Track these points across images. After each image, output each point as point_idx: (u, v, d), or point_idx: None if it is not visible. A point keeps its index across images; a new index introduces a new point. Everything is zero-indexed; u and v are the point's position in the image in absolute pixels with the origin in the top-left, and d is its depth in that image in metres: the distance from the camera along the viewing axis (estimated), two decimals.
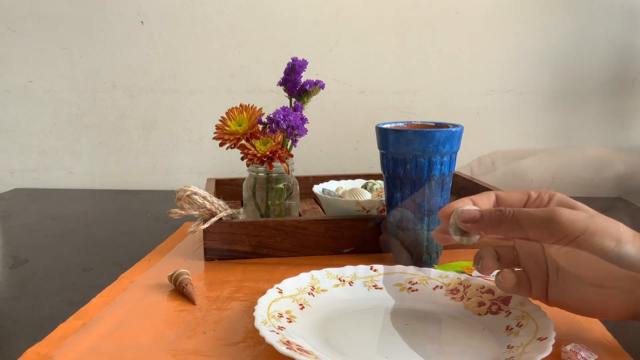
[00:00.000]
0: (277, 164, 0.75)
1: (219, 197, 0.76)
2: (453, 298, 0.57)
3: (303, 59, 0.78)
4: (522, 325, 0.49)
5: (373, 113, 1.23)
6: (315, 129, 0.95)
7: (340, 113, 1.23)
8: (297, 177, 0.83)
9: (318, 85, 0.77)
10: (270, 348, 0.45)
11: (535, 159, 0.46)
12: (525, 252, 0.50)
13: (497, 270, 0.51)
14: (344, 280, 0.60)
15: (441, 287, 0.58)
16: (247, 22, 1.20)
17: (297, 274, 0.59)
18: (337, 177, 0.98)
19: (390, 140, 0.67)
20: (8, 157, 1.26)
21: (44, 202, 1.13)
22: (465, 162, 1.15)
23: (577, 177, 0.45)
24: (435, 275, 0.60)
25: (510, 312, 0.52)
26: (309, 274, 0.60)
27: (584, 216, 0.41)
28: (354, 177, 0.98)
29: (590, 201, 0.46)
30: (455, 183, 0.94)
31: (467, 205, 0.47)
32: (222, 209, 0.73)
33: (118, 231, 0.91)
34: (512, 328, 0.49)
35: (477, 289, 0.56)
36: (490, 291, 0.55)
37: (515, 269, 0.51)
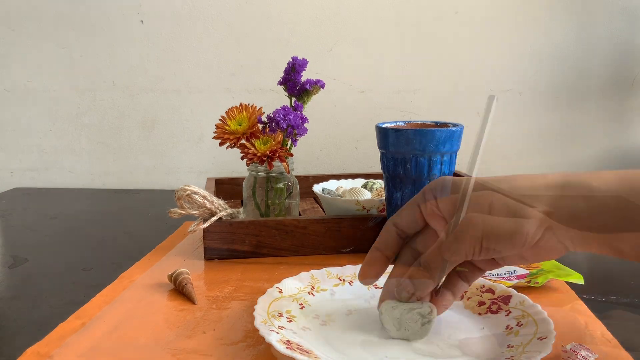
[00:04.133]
0: (277, 163, 0.75)
1: (218, 197, 0.76)
2: None
3: (303, 59, 0.78)
4: (522, 324, 0.49)
5: (373, 112, 1.22)
6: (315, 128, 0.95)
7: (341, 113, 1.23)
8: (297, 177, 0.83)
9: (318, 84, 0.77)
10: (270, 347, 0.45)
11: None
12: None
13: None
14: (344, 280, 0.60)
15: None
16: (247, 22, 1.20)
17: (297, 273, 0.59)
18: (337, 177, 0.98)
19: (390, 139, 0.67)
20: (8, 156, 1.26)
21: (44, 201, 1.13)
22: (465, 161, 1.15)
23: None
24: None
25: (510, 312, 0.52)
26: (309, 273, 0.60)
27: (481, 220, 0.44)
28: (354, 176, 0.98)
29: None
30: None
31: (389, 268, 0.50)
32: (222, 209, 0.73)
33: (118, 231, 0.91)
34: (512, 327, 0.49)
35: (477, 289, 0.56)
36: (490, 290, 0.55)
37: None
